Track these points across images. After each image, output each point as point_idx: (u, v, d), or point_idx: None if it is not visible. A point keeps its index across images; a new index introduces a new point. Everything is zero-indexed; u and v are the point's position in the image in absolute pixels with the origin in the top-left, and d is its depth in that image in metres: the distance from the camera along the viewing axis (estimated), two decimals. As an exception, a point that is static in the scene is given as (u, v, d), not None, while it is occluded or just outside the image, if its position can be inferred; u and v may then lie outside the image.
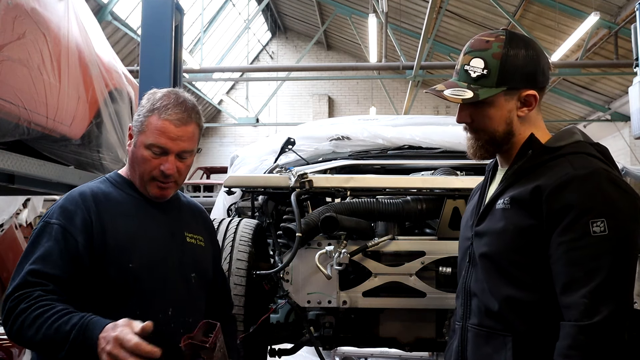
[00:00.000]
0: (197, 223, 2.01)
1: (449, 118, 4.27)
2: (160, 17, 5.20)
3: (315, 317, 2.92)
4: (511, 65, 1.59)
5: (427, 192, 2.87)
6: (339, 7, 17.19)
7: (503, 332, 1.57)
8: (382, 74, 17.80)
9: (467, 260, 1.72)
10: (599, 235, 1.45)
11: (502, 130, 1.63)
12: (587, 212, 1.46)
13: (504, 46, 1.60)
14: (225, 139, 22.69)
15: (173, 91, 1.87)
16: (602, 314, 1.41)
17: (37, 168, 3.30)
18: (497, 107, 1.62)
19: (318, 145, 3.65)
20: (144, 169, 1.81)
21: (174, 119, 1.79)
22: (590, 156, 1.57)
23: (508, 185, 1.63)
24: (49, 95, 3.22)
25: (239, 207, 3.50)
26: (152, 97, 1.84)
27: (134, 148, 1.82)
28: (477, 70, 1.61)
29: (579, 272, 1.45)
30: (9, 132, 2.96)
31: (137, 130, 1.81)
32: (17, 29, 2.90)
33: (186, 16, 7.95)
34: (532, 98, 1.62)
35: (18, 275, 1.64)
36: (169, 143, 1.78)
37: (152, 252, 1.79)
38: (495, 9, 12.81)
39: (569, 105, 17.53)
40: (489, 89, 1.59)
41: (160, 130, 1.78)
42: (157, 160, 1.79)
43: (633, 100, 7.32)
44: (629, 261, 1.46)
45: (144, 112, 1.81)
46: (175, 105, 1.81)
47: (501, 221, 1.60)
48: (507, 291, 1.57)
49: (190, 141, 1.83)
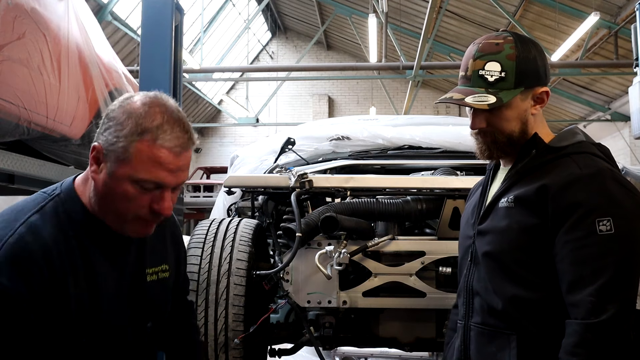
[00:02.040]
0: (161, 242, 1.63)
1: (449, 118, 4.28)
2: (160, 17, 5.20)
3: (315, 317, 2.92)
4: (526, 65, 1.61)
5: (427, 192, 2.87)
6: (339, 7, 17.19)
7: (507, 331, 1.57)
8: (382, 74, 17.79)
9: (469, 258, 1.72)
10: (605, 234, 1.46)
11: (519, 130, 1.64)
12: (593, 210, 1.47)
13: (515, 47, 1.62)
14: (225, 139, 22.70)
15: (159, 101, 1.39)
16: (609, 313, 1.41)
17: (37, 168, 3.30)
18: (514, 108, 1.63)
19: (318, 145, 3.65)
20: (126, 208, 1.37)
21: (175, 145, 1.35)
22: (594, 156, 1.58)
23: (511, 184, 1.64)
24: (49, 95, 3.22)
25: (239, 207, 3.50)
26: (134, 112, 1.35)
27: (107, 179, 1.36)
28: (494, 73, 1.61)
29: (585, 270, 1.46)
30: (9, 132, 2.96)
31: (116, 157, 1.34)
32: (17, 29, 2.90)
33: (186, 16, 7.95)
34: (544, 95, 1.65)
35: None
36: (168, 177, 1.35)
37: (108, 320, 1.44)
38: (495, 9, 12.81)
39: (569, 105, 17.53)
40: (508, 91, 1.60)
41: (156, 162, 1.33)
42: (147, 196, 1.37)
43: (633, 100, 7.31)
44: (634, 260, 1.47)
45: (127, 134, 1.33)
46: (172, 124, 1.36)
47: (505, 220, 1.60)
48: (511, 289, 1.57)
49: (188, 168, 1.42)
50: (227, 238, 2.74)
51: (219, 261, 2.64)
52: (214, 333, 2.63)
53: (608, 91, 15.56)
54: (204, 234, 2.79)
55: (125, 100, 1.39)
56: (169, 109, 1.38)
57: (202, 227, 2.85)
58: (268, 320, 2.93)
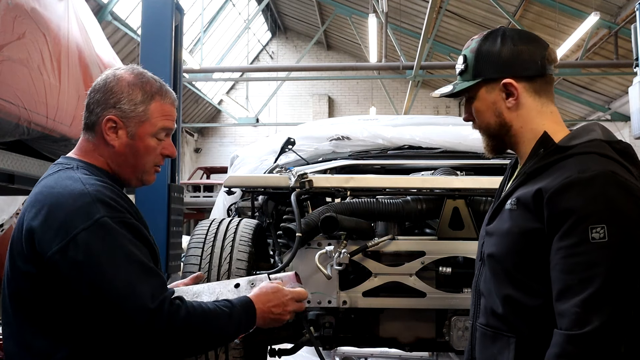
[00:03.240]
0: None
1: (449, 118, 4.28)
2: (160, 17, 5.21)
3: (315, 317, 2.92)
4: (485, 57, 1.62)
5: (427, 192, 2.87)
6: (339, 7, 17.20)
7: (507, 334, 1.55)
8: (382, 74, 17.80)
9: (479, 259, 1.71)
10: (598, 242, 1.39)
11: (494, 122, 1.65)
12: (587, 217, 1.41)
13: (481, 41, 1.64)
14: (225, 139, 22.70)
15: (141, 70, 1.73)
16: (593, 324, 1.35)
17: (37, 168, 3.31)
18: (481, 100, 1.65)
19: (318, 145, 3.65)
20: (147, 159, 1.70)
21: (173, 100, 1.74)
22: (602, 156, 1.50)
23: (518, 185, 1.60)
24: (49, 95, 3.22)
25: (239, 207, 3.50)
26: (134, 82, 1.68)
27: (129, 141, 1.67)
28: (459, 66, 1.68)
29: (573, 279, 1.40)
30: (9, 132, 2.97)
31: (138, 121, 1.66)
32: (17, 29, 2.90)
33: (186, 16, 7.95)
34: (510, 87, 1.61)
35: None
36: (172, 124, 1.73)
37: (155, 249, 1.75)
38: (495, 9, 12.82)
39: (569, 105, 17.54)
40: (465, 82, 1.66)
41: (167, 114, 1.71)
42: (160, 145, 1.71)
43: (633, 100, 7.33)
44: (629, 270, 1.39)
45: (142, 100, 1.67)
46: (164, 85, 1.75)
47: (507, 222, 1.57)
48: (510, 293, 1.55)
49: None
50: (227, 238, 2.74)
51: (219, 261, 2.65)
52: (214, 333, 2.63)
53: (608, 91, 15.58)
54: (204, 234, 2.79)
55: (115, 78, 1.68)
56: (153, 75, 1.74)
57: (202, 227, 2.85)
58: (268, 320, 2.93)
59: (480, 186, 2.84)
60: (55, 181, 1.58)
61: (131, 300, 1.45)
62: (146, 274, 1.50)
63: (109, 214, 1.51)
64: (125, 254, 1.49)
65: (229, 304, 1.62)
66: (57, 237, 1.46)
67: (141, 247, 1.55)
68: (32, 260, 1.49)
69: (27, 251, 1.50)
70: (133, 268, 1.48)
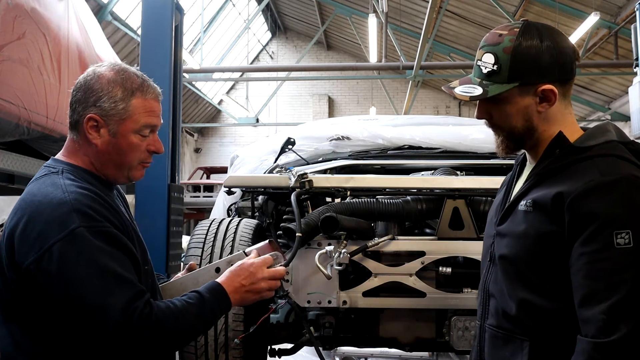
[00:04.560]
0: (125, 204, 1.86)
1: (449, 118, 4.29)
2: (160, 17, 5.21)
3: (315, 317, 2.92)
4: (523, 60, 1.51)
5: (427, 192, 2.87)
6: (339, 7, 17.20)
7: (521, 336, 1.52)
8: (382, 74, 17.81)
9: (488, 259, 1.66)
10: (623, 248, 1.36)
11: (521, 126, 1.56)
12: (612, 222, 1.37)
13: (515, 39, 1.52)
14: (225, 139, 22.70)
15: (123, 67, 1.69)
16: (621, 332, 1.32)
17: (37, 168, 3.28)
18: (513, 103, 1.55)
19: (318, 145, 3.65)
20: (131, 157, 1.67)
21: (157, 95, 1.70)
22: (621, 159, 1.46)
23: (532, 186, 1.56)
24: (49, 95, 3.22)
25: (239, 207, 3.50)
26: (114, 79, 1.64)
27: (112, 139, 1.64)
28: (488, 66, 1.55)
29: (599, 285, 1.37)
30: (9, 132, 2.97)
31: (119, 119, 1.63)
32: (17, 29, 2.90)
33: (186, 16, 7.95)
34: (550, 93, 1.53)
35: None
36: (157, 120, 1.69)
37: (144, 251, 1.72)
38: (495, 9, 12.82)
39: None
40: (499, 85, 1.53)
41: (150, 110, 1.66)
42: (144, 143, 1.67)
43: (633, 100, 7.33)
44: None
45: (122, 97, 1.63)
46: (147, 81, 1.70)
47: (522, 224, 1.53)
48: (525, 296, 1.51)
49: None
50: (227, 238, 2.74)
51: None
52: (214, 333, 2.63)
53: (608, 91, 15.57)
54: (204, 234, 2.79)
55: (95, 75, 1.65)
56: (135, 71, 1.70)
57: (202, 227, 2.86)
58: (268, 320, 2.93)
59: (480, 186, 2.84)
60: (38, 188, 1.58)
61: (100, 314, 1.45)
62: (119, 285, 1.48)
63: (85, 224, 1.49)
64: (97, 266, 1.47)
65: (197, 295, 1.62)
66: (33, 247, 1.47)
67: (118, 256, 1.52)
68: (12, 267, 1.50)
69: (8, 259, 1.51)
70: (105, 280, 1.47)
